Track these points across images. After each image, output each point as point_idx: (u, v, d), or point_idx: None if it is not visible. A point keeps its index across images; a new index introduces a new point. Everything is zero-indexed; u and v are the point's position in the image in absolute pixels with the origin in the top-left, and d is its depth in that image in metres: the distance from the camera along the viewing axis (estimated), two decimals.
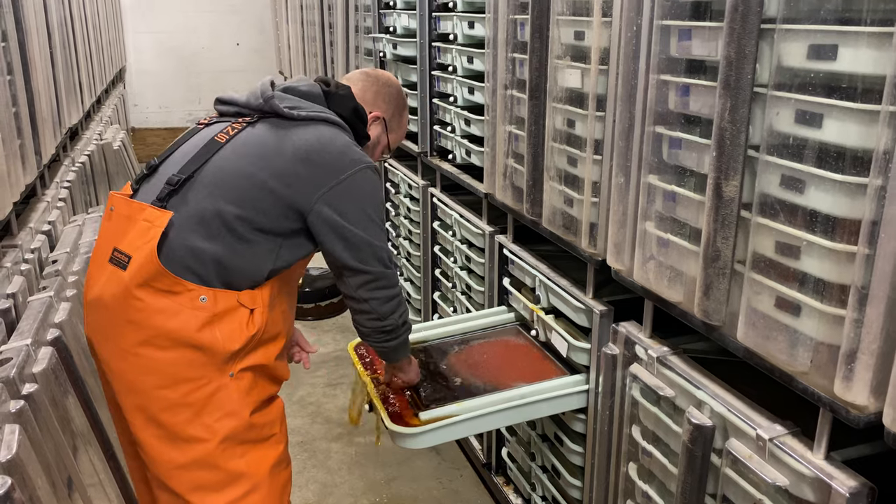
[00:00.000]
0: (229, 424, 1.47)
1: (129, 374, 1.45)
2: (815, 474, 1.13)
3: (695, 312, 1.33)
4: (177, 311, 1.42)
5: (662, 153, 1.42)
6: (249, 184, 1.48)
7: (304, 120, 1.55)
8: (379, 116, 1.75)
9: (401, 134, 1.86)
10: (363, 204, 1.55)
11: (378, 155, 1.81)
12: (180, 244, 1.44)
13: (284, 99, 1.58)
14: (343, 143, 1.57)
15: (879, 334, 1.00)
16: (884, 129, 0.95)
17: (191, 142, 1.57)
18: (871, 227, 0.99)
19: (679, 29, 1.33)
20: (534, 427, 2.15)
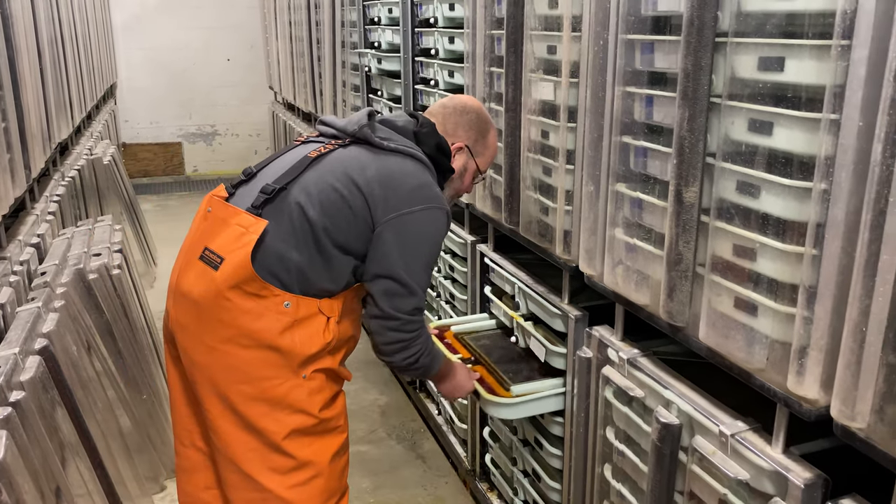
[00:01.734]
0: (299, 419, 1.57)
1: (213, 367, 1.54)
2: (773, 468, 1.17)
3: (660, 314, 1.38)
4: (261, 314, 1.51)
5: (629, 162, 1.47)
6: (333, 197, 1.54)
7: (392, 151, 1.61)
8: (461, 146, 1.76)
9: (489, 155, 1.83)
10: (421, 244, 1.58)
11: (469, 180, 1.82)
12: (271, 251, 1.52)
13: (378, 129, 1.65)
14: (423, 180, 1.60)
15: (827, 331, 1.05)
16: (825, 135, 1.01)
17: (288, 155, 1.66)
18: (817, 228, 1.05)
19: (642, 43, 1.39)
20: (515, 432, 2.19)
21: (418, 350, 1.63)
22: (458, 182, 1.79)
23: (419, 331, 1.62)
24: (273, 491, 1.57)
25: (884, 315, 0.95)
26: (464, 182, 1.80)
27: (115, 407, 2.40)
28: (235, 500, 1.61)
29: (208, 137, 7.91)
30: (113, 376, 2.44)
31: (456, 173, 1.76)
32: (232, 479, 1.60)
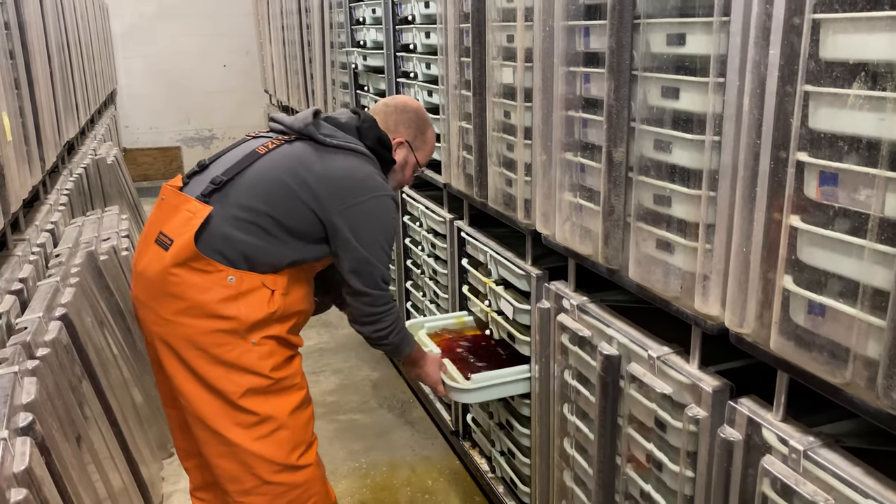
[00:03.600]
0: (253, 380, 1.75)
1: (170, 336, 1.73)
2: (690, 381, 1.39)
3: (599, 261, 1.60)
4: (208, 287, 1.70)
5: (574, 132, 1.69)
6: (280, 190, 1.75)
7: (336, 147, 1.81)
8: (402, 141, 1.98)
9: (428, 151, 2.06)
10: (374, 227, 1.80)
11: (410, 173, 2.04)
12: (217, 232, 1.71)
13: (322, 127, 1.85)
14: (367, 172, 1.81)
15: (723, 258, 1.26)
16: (714, 95, 1.23)
17: (238, 149, 1.86)
18: (712, 174, 1.27)
19: (579, 28, 1.62)
20: (491, 416, 2.42)
21: (389, 326, 1.87)
22: (400, 174, 2.01)
23: (389, 307, 1.85)
24: (240, 444, 1.75)
25: (759, 238, 1.17)
26: (405, 174, 2.02)
27: (126, 380, 2.62)
28: (209, 454, 1.79)
29: (206, 141, 8.14)
30: (123, 350, 2.66)
31: (397, 165, 1.98)
32: (203, 437, 1.78)
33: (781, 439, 1.18)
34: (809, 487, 1.12)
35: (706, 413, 1.34)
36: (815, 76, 1.04)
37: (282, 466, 1.79)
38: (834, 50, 1.01)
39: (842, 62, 1.00)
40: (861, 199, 0.99)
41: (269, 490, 1.79)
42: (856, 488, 1.06)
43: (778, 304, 1.14)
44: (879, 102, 0.94)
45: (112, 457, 2.16)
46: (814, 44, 1.03)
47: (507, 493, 2.39)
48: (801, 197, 1.09)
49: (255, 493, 1.79)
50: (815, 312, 1.09)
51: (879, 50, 0.94)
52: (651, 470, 1.53)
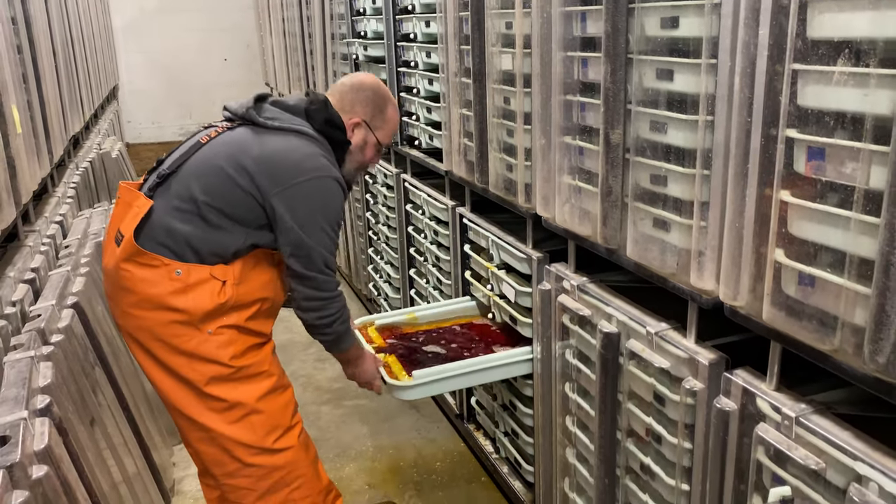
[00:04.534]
0: (215, 369, 1.75)
1: (132, 328, 1.77)
2: (686, 354, 1.43)
3: (598, 241, 1.64)
4: (156, 281, 1.70)
5: (572, 116, 1.73)
6: (218, 177, 1.73)
7: (276, 129, 1.77)
8: (359, 121, 1.91)
9: (388, 129, 1.98)
10: (313, 209, 1.74)
11: (372, 153, 1.97)
12: (159, 226, 1.72)
13: (266, 110, 1.82)
14: (307, 152, 1.76)
15: (717, 234, 1.30)
16: (707, 76, 1.27)
17: (187, 142, 1.86)
18: (706, 153, 1.30)
19: (576, 13, 1.65)
20: (494, 398, 2.46)
21: (334, 314, 1.81)
22: (360, 155, 1.94)
23: (335, 294, 1.80)
24: (215, 429, 1.77)
25: (752, 213, 1.21)
26: (365, 155, 1.96)
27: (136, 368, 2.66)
28: (191, 440, 1.83)
29: None
30: None
31: (355, 146, 1.91)
32: (182, 423, 1.81)
33: (775, 407, 1.23)
34: (801, 452, 1.16)
35: (703, 385, 1.39)
36: (802, 55, 1.07)
37: (259, 449, 1.81)
38: (820, 29, 1.05)
39: (827, 40, 1.03)
40: (847, 172, 1.03)
41: (252, 472, 1.82)
42: (846, 451, 1.10)
43: (770, 277, 1.18)
44: (863, 78, 0.98)
45: (125, 442, 2.21)
46: (801, 23, 1.07)
47: (512, 472, 2.44)
48: (790, 172, 1.13)
49: (238, 476, 1.82)
50: (806, 283, 1.13)
51: (862, 27, 0.98)
52: (650, 443, 1.58)
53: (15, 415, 1.41)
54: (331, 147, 1.85)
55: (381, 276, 3.68)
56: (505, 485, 2.45)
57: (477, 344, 2.34)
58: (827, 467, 1.13)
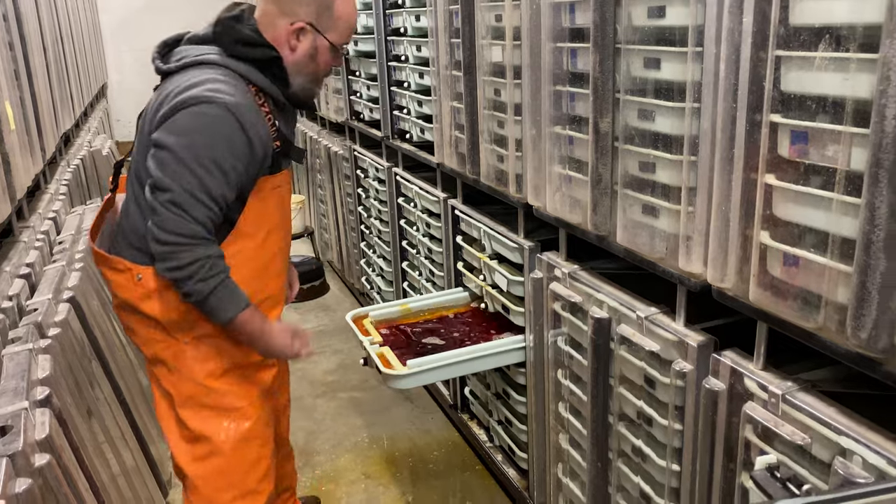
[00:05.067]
0: (190, 387, 1.63)
1: (126, 330, 1.72)
2: (676, 337, 1.46)
3: (588, 228, 1.67)
4: (124, 286, 1.60)
5: (562, 106, 1.76)
6: (140, 154, 1.56)
7: (180, 70, 1.55)
8: (302, 26, 1.59)
9: (343, 26, 1.64)
10: (191, 138, 1.47)
11: (327, 58, 1.65)
12: (127, 223, 1.60)
13: (175, 53, 1.61)
14: (195, 80, 1.50)
15: (704, 219, 1.33)
16: (693, 64, 1.30)
17: None
18: (693, 139, 1.33)
19: (565, 4, 1.68)
20: (488, 388, 2.49)
21: (185, 266, 1.47)
22: (312, 64, 1.64)
23: (185, 240, 1.47)
24: (178, 460, 1.68)
25: (738, 197, 1.24)
26: (318, 63, 1.64)
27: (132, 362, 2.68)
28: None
29: None
30: None
31: (302, 56, 1.61)
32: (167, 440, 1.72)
33: (761, 386, 1.26)
34: (788, 428, 1.20)
35: (692, 366, 1.42)
36: (785, 41, 1.10)
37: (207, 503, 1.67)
38: (802, 15, 1.08)
39: (809, 27, 1.06)
40: (829, 154, 1.07)
41: None
42: (831, 427, 1.13)
43: (756, 258, 1.21)
44: (843, 63, 1.01)
45: (123, 435, 2.22)
46: (783, 10, 1.10)
47: (506, 460, 2.47)
48: (774, 156, 1.16)
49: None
50: (790, 264, 1.16)
51: (842, 14, 1.01)
52: (642, 426, 1.61)
53: (16, 405, 1.43)
54: (258, 68, 1.58)
55: (374, 269, 3.71)
56: (499, 472, 2.49)
57: (472, 333, 2.36)
58: (812, 442, 1.16)
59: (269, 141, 1.60)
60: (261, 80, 1.59)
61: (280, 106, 1.67)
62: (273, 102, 1.64)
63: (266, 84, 1.61)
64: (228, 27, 1.59)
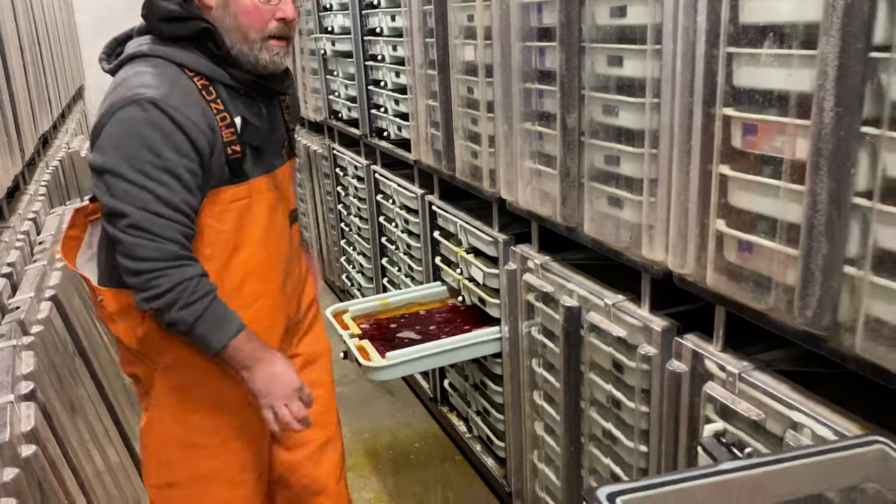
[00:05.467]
0: (158, 411, 1.51)
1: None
2: (641, 323, 1.53)
3: (558, 220, 1.73)
4: (97, 304, 1.48)
5: (532, 103, 1.82)
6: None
7: (116, 71, 1.38)
8: None
9: None
10: (125, 149, 1.27)
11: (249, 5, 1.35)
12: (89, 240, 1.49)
13: (115, 56, 1.43)
14: (118, 81, 1.33)
15: (665, 209, 1.40)
16: (652, 61, 1.36)
17: None
18: (653, 133, 1.40)
19: (533, 4, 1.74)
20: (466, 379, 2.55)
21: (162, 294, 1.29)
22: (235, 20, 1.35)
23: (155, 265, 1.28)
24: (145, 481, 1.60)
25: (695, 187, 1.30)
26: (241, 17, 1.35)
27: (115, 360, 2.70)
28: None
29: None
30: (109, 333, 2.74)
31: (221, 12, 1.36)
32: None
33: (720, 366, 1.33)
34: (744, 405, 1.26)
35: (656, 350, 1.48)
36: (735, 39, 1.17)
37: None
38: (750, 14, 1.14)
39: (756, 25, 1.13)
40: (777, 145, 1.13)
41: None
42: (784, 402, 1.20)
43: (713, 245, 1.28)
44: (786, 59, 1.08)
45: (107, 432, 2.25)
46: (733, 10, 1.16)
47: (484, 449, 2.53)
48: (728, 147, 1.23)
49: None
50: (744, 249, 1.23)
51: (785, 13, 1.08)
52: (611, 409, 1.67)
53: (1, 399, 1.46)
54: (196, 48, 1.36)
55: (354, 266, 3.75)
56: (478, 462, 2.54)
57: (449, 326, 2.42)
58: (767, 418, 1.23)
59: (219, 140, 1.36)
60: (198, 62, 1.35)
61: (241, 93, 1.42)
62: (227, 91, 1.40)
63: (207, 67, 1.36)
64: (150, 5, 1.35)
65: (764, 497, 0.78)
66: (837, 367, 1.13)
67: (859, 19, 0.95)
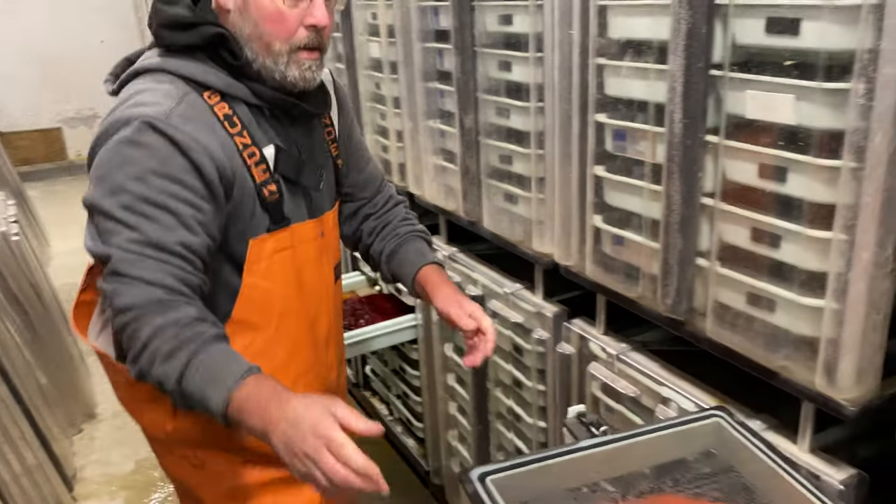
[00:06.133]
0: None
1: None
2: (535, 309, 1.65)
3: (461, 215, 1.83)
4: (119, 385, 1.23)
5: (434, 102, 1.90)
6: None
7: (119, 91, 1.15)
8: None
9: None
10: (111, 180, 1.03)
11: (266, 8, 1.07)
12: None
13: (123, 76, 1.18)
14: (118, 102, 1.10)
15: (553, 205, 1.51)
16: (534, 68, 1.46)
17: None
18: (539, 135, 1.50)
19: (430, 7, 1.81)
20: (386, 364, 2.63)
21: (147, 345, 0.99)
22: (247, 24, 1.10)
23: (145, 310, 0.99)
24: None
25: (576, 186, 1.42)
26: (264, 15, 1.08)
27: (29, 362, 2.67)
28: None
29: (89, 121, 7.86)
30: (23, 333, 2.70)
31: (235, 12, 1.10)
32: None
33: (602, 348, 1.46)
34: (622, 383, 1.40)
35: (549, 334, 1.60)
36: (603, 51, 1.28)
37: None
38: (615, 30, 1.25)
39: (619, 40, 1.24)
40: (640, 149, 1.25)
41: None
42: (655, 380, 1.34)
43: (591, 239, 1.40)
44: (645, 72, 1.19)
45: (23, 435, 2.24)
46: (601, 25, 1.27)
47: (405, 431, 2.64)
48: (602, 151, 1.34)
49: None
50: (617, 243, 1.35)
51: (642, 30, 1.19)
52: (513, 389, 1.79)
53: None
54: (210, 58, 1.12)
55: None
56: (399, 443, 2.65)
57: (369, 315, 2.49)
58: (642, 394, 1.37)
59: (247, 183, 1.13)
60: (212, 76, 1.10)
61: (268, 114, 1.17)
62: (251, 111, 1.15)
63: (223, 82, 1.11)
64: (155, 11, 1.13)
65: (612, 469, 0.90)
66: (698, 345, 1.27)
67: (699, 41, 1.06)
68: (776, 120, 1.00)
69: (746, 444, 0.93)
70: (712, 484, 0.92)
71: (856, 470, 1.04)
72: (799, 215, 1.00)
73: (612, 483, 0.93)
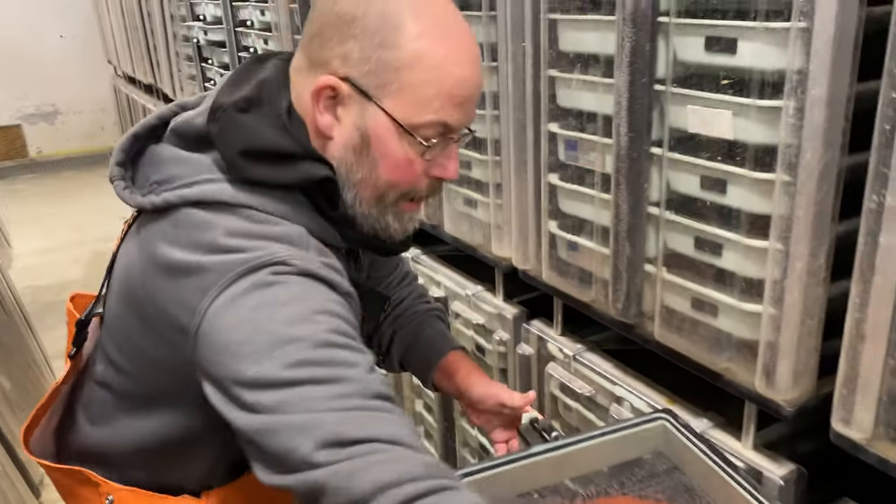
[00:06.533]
0: None
1: None
2: (496, 311, 1.69)
3: (423, 218, 1.85)
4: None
5: None
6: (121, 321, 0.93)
7: (164, 211, 0.86)
8: (330, 84, 0.83)
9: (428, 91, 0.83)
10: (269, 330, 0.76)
11: (396, 155, 0.86)
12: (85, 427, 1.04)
13: (155, 163, 0.90)
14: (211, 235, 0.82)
15: (510, 210, 1.55)
16: (489, 77, 1.49)
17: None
18: (495, 142, 1.54)
19: None
20: None
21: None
22: (368, 168, 0.87)
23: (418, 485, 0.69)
24: None
25: (532, 193, 1.45)
26: (391, 162, 0.86)
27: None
28: None
29: (49, 117, 7.71)
30: None
31: (347, 148, 0.87)
32: None
33: (559, 349, 1.50)
34: (578, 383, 1.44)
35: (509, 335, 1.65)
36: (554, 63, 1.31)
37: None
38: (566, 43, 1.29)
39: (569, 53, 1.28)
40: (591, 159, 1.29)
41: None
42: (609, 380, 1.39)
43: (547, 245, 1.44)
44: (593, 85, 1.23)
45: None
46: (552, 39, 1.30)
47: None
48: (555, 159, 1.38)
49: None
50: (572, 248, 1.39)
51: (591, 44, 1.23)
52: None
53: None
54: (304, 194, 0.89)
55: None
56: None
57: None
58: (597, 393, 1.41)
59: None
60: (311, 221, 0.89)
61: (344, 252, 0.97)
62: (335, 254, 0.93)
63: (319, 227, 0.90)
64: (231, 123, 0.85)
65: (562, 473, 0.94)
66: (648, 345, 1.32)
67: (642, 58, 1.10)
68: (715, 134, 1.04)
69: (690, 445, 0.98)
70: (658, 485, 0.97)
71: (795, 465, 1.10)
72: (738, 225, 1.04)
73: (563, 488, 0.97)
